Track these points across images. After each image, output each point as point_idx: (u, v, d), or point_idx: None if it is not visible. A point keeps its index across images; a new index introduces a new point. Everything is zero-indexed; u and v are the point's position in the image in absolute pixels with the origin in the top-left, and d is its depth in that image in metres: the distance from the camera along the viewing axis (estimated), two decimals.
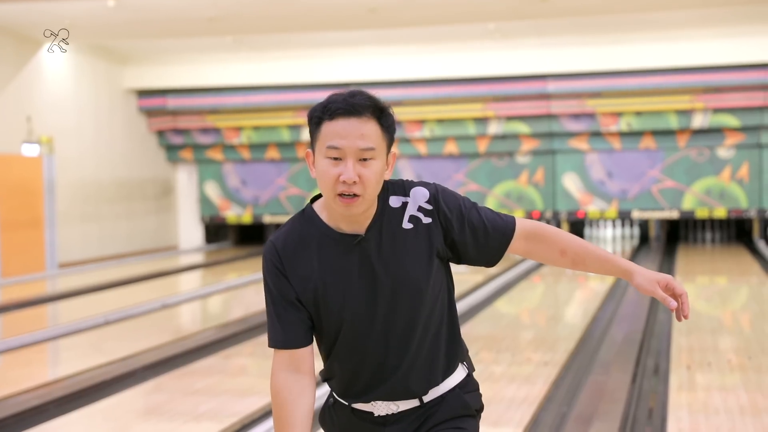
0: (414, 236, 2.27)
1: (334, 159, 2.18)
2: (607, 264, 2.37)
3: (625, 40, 14.45)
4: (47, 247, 13.17)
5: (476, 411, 2.38)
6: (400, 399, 2.31)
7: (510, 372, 6.13)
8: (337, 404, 2.39)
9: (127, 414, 5.46)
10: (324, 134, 2.20)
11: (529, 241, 2.37)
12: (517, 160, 16.05)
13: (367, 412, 2.34)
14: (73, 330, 8.11)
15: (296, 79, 15.65)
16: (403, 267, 2.25)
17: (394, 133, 2.27)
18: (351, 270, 2.25)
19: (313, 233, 2.27)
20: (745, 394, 5.43)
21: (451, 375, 2.35)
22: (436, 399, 2.33)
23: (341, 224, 2.26)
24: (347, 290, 2.25)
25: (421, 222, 2.28)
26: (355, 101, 2.19)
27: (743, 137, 15.13)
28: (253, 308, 9.21)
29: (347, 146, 2.17)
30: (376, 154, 2.19)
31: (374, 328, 2.26)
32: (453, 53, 15.01)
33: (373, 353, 2.28)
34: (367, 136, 2.18)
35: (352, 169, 2.17)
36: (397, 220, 2.27)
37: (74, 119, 14.31)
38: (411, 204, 2.29)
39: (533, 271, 12.20)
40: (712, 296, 10.18)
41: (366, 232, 2.25)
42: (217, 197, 16.91)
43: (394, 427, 2.33)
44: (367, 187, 2.19)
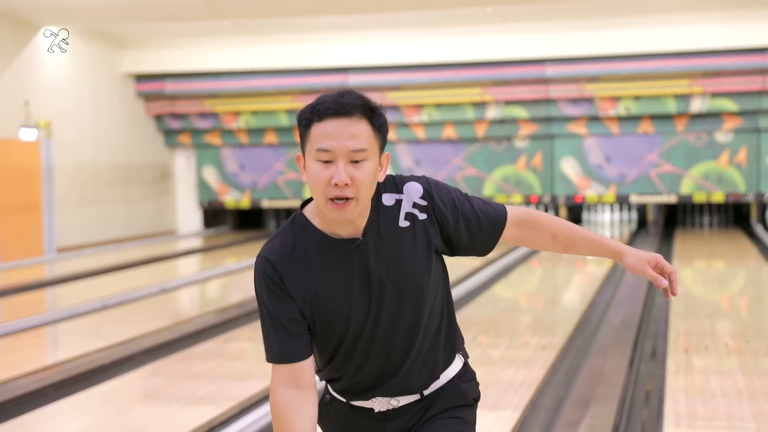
0: (412, 234, 2.23)
1: (325, 162, 2.11)
2: (598, 246, 2.38)
3: (624, 25, 14.42)
4: (45, 232, 13.17)
5: (473, 400, 2.37)
6: (401, 395, 2.29)
7: (508, 356, 6.14)
8: (334, 401, 2.35)
9: (125, 398, 5.47)
10: (313, 136, 2.12)
11: (521, 228, 2.36)
12: (516, 144, 16.04)
13: (367, 409, 2.31)
14: (71, 314, 8.12)
15: (294, 63, 15.61)
16: (404, 267, 2.20)
17: (387, 134, 2.21)
18: (351, 276, 2.19)
19: (308, 241, 2.19)
20: (742, 377, 5.45)
21: (450, 366, 2.33)
22: (436, 391, 2.32)
23: (336, 229, 2.19)
24: (349, 297, 2.19)
25: (417, 219, 2.23)
26: (344, 101, 2.12)
27: (741, 121, 15.12)
28: (252, 293, 9.17)
29: (337, 147, 2.10)
30: (368, 155, 2.13)
31: (378, 332, 2.22)
32: (451, 37, 14.98)
33: (375, 356, 2.24)
34: (357, 137, 2.11)
35: (343, 170, 2.10)
36: (393, 219, 2.22)
37: (72, 104, 14.29)
38: (405, 201, 2.23)
39: (531, 255, 12.21)
40: (709, 280, 10.20)
41: (363, 236, 2.19)
42: (216, 182, 16.90)
43: (395, 422, 2.31)
44: (360, 190, 2.12)
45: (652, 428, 4.73)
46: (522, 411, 4.82)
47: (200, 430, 4.69)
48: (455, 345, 2.35)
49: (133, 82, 16.13)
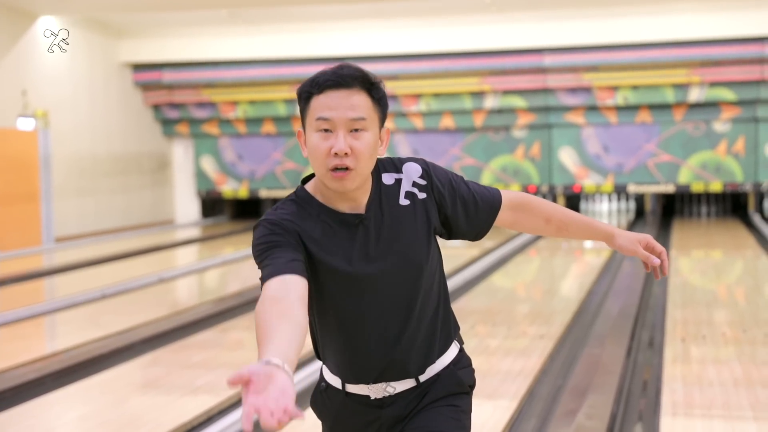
0: (412, 213, 2.25)
1: (325, 131, 2.14)
2: (590, 229, 2.42)
3: (622, 14, 14.40)
4: (43, 221, 13.17)
5: (469, 387, 2.37)
6: (397, 379, 2.28)
7: (506, 345, 6.16)
8: (330, 389, 2.34)
9: (124, 387, 5.48)
10: (313, 108, 2.16)
11: (516, 211, 2.39)
12: (514, 134, 16.03)
13: (363, 396, 2.30)
14: (70, 304, 8.13)
15: (292, 52, 15.59)
16: (404, 245, 2.22)
17: (386, 108, 2.24)
18: (352, 250, 2.20)
19: (312, 212, 2.21)
20: (739, 366, 5.46)
21: (446, 352, 2.33)
22: (432, 378, 2.31)
23: (338, 204, 2.21)
24: (348, 269, 2.20)
25: (417, 198, 2.26)
26: (343, 73, 2.16)
27: (739, 111, 15.12)
28: (250, 282, 9.23)
29: (337, 117, 2.13)
30: (367, 125, 2.16)
31: (374, 306, 2.23)
32: (450, 27, 14.96)
33: (372, 333, 2.24)
34: (357, 107, 2.15)
35: (343, 140, 2.13)
36: (393, 197, 2.24)
37: (70, 93, 14.27)
38: (405, 180, 2.26)
39: (529, 245, 12.22)
40: (707, 270, 10.21)
41: (366, 211, 2.21)
42: (213, 171, 16.89)
43: (391, 408, 2.30)
44: (360, 160, 2.14)
45: (650, 417, 4.74)
46: (519, 400, 4.84)
47: (199, 419, 4.70)
48: (451, 331, 2.36)
49: (131, 72, 16.10)
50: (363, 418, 2.31)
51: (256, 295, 8.29)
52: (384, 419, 2.30)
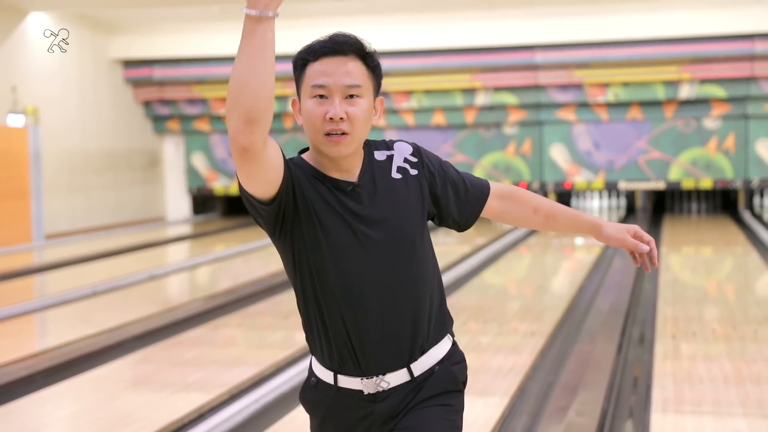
0: (405, 186, 2.25)
1: (320, 97, 2.16)
2: (577, 220, 2.43)
3: (613, 11, 14.43)
4: (34, 218, 13.13)
5: (462, 383, 2.36)
6: (389, 366, 2.24)
7: (497, 342, 6.17)
8: (320, 384, 2.30)
9: (115, 385, 5.48)
10: (309, 75, 2.19)
11: (504, 200, 2.41)
12: (505, 131, 16.05)
13: (356, 390, 2.26)
14: (60, 301, 8.11)
15: (283, 49, 15.35)
16: (397, 217, 2.21)
17: (381, 78, 2.26)
18: (344, 216, 2.19)
19: (307, 175, 2.21)
20: (729, 363, 5.48)
21: (438, 344, 2.31)
22: (426, 372, 2.28)
23: (332, 171, 2.22)
24: (339, 236, 2.18)
25: (408, 173, 2.27)
26: (339, 40, 2.20)
27: (729, 108, 15.16)
28: (241, 279, 9.23)
29: (332, 83, 2.16)
30: (362, 92, 2.18)
31: (365, 277, 2.19)
32: (441, 23, 14.96)
33: (364, 306, 2.20)
34: (352, 74, 2.17)
35: (338, 105, 2.15)
36: (385, 170, 2.25)
37: (60, 89, 14.23)
38: (397, 156, 2.28)
39: (520, 241, 12.24)
40: (697, 266, 10.24)
41: (359, 179, 2.22)
42: (205, 168, 16.87)
43: (384, 403, 2.26)
44: (355, 125, 2.16)
45: (640, 414, 4.76)
46: (510, 397, 4.85)
47: (190, 416, 4.70)
48: (445, 319, 2.34)
49: (122, 68, 16.06)
50: (355, 413, 2.28)
51: (248, 293, 8.31)
52: (377, 414, 2.27)
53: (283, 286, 8.53)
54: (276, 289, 8.50)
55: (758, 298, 7.98)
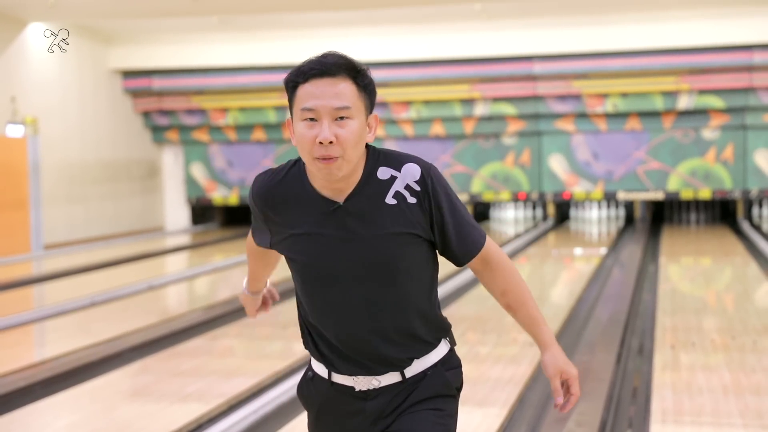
0: (396, 213, 2.23)
1: (310, 120, 2.16)
2: (533, 327, 2.36)
3: (612, 21, 14.45)
4: (32, 229, 13.13)
5: (456, 389, 2.36)
6: (381, 373, 2.28)
7: (495, 352, 6.16)
8: (316, 378, 2.36)
9: (113, 395, 5.47)
10: (299, 98, 2.18)
11: (484, 265, 2.36)
12: (504, 141, 16.06)
13: (348, 386, 2.31)
14: (59, 311, 8.11)
15: (282, 59, 15.59)
16: (376, 242, 2.21)
17: (374, 95, 2.24)
18: (325, 234, 2.22)
19: (296, 190, 2.25)
20: (729, 373, 5.48)
21: (433, 350, 2.32)
22: (419, 375, 2.30)
23: (324, 188, 2.23)
24: (319, 253, 2.23)
25: (405, 200, 2.24)
26: (327, 61, 2.18)
27: (728, 118, 15.18)
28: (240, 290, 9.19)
29: (321, 106, 2.15)
30: (352, 113, 2.17)
31: (347, 296, 2.24)
32: (439, 34, 14.99)
33: (348, 320, 2.25)
34: (341, 95, 2.16)
35: (327, 128, 2.14)
36: (381, 192, 2.23)
37: (59, 100, 14.24)
38: (399, 180, 2.24)
39: (520, 252, 12.24)
40: (696, 277, 10.24)
41: (345, 201, 2.22)
42: (204, 178, 16.87)
43: (375, 401, 2.30)
44: (346, 148, 2.15)
45: (639, 424, 4.75)
46: (509, 408, 4.84)
47: (188, 427, 4.69)
48: (439, 328, 2.35)
49: (121, 79, 16.08)
50: (347, 408, 2.32)
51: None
52: (367, 412, 2.30)
53: (282, 296, 8.51)
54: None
55: (757, 309, 7.98)
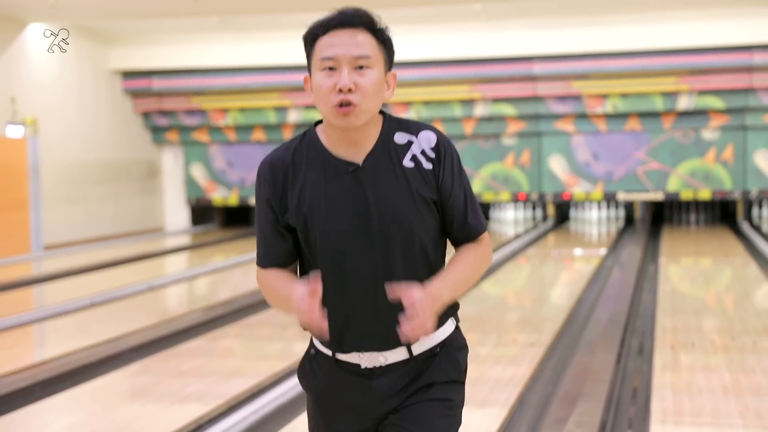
0: (412, 176, 2.23)
1: (329, 69, 2.17)
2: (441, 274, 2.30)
3: (611, 22, 14.45)
4: (32, 229, 13.13)
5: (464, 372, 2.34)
6: (389, 348, 2.24)
7: (496, 353, 6.16)
8: (319, 355, 2.31)
9: (113, 396, 5.47)
10: (318, 49, 2.20)
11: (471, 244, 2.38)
12: (503, 141, 16.06)
13: (353, 364, 2.26)
14: (59, 312, 8.11)
15: (282, 60, 15.59)
16: (395, 204, 2.19)
17: (393, 52, 2.25)
18: (342, 196, 2.21)
19: (309, 155, 2.25)
20: (728, 374, 5.48)
21: (440, 327, 2.28)
22: (426, 353, 2.27)
23: (340, 149, 2.23)
24: (335, 216, 2.20)
25: (421, 165, 2.24)
26: (347, 12, 2.20)
27: (728, 119, 15.18)
28: (240, 290, 9.22)
29: (341, 54, 2.16)
30: (371, 63, 2.18)
31: (360, 259, 2.21)
32: (439, 35, 14.99)
33: (360, 288, 2.22)
34: (361, 44, 2.17)
35: (347, 76, 2.15)
36: (398, 155, 2.23)
37: (59, 100, 14.24)
38: (416, 145, 2.25)
39: (519, 252, 12.24)
40: (696, 277, 10.24)
41: (363, 162, 2.22)
42: (203, 179, 16.87)
43: (381, 379, 2.25)
44: (364, 97, 2.16)
45: (639, 425, 4.75)
46: (509, 408, 4.84)
47: (188, 427, 4.69)
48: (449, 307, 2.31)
49: (121, 79, 16.08)
50: (352, 386, 2.27)
51: (246, 303, 8.30)
52: (375, 391, 2.26)
53: None
54: None
55: (757, 309, 7.98)
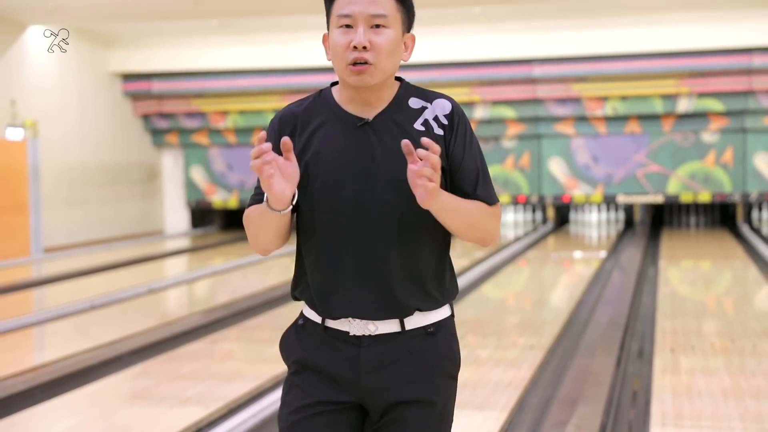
0: (421, 138, 2.17)
1: (346, 27, 2.17)
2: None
3: (611, 24, 14.46)
4: (32, 232, 13.13)
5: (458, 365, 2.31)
6: (380, 317, 2.19)
7: (496, 356, 6.16)
8: (308, 323, 2.26)
9: (113, 399, 5.46)
10: (337, 6, 2.19)
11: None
12: (503, 144, 16.07)
13: (342, 331, 2.21)
14: (59, 315, 8.10)
15: (282, 62, 15.60)
16: (400, 162, 2.14)
17: (413, 14, 2.26)
18: (348, 149, 2.19)
19: (320, 109, 2.24)
20: (728, 377, 5.48)
21: (436, 309, 2.25)
22: (419, 330, 2.22)
23: (351, 106, 2.23)
24: (338, 166, 2.18)
25: (432, 130, 2.23)
26: None
27: (727, 122, 15.19)
28: (240, 293, 9.22)
29: (358, 12, 2.15)
30: (388, 22, 2.18)
31: (358, 214, 2.18)
32: (439, 37, 14.99)
33: (353, 246, 2.18)
34: (379, 3, 2.17)
35: (362, 34, 2.15)
36: (410, 118, 2.23)
37: (59, 103, 14.25)
38: (429, 111, 2.25)
39: (519, 255, 12.24)
40: (696, 280, 10.24)
41: (373, 118, 2.21)
42: (203, 182, 16.87)
43: (369, 349, 2.20)
44: (380, 54, 2.16)
45: (639, 428, 4.75)
46: (509, 411, 4.84)
47: (188, 430, 4.69)
48: (448, 287, 2.29)
49: (120, 82, 16.09)
50: (339, 354, 2.22)
51: (246, 306, 8.30)
52: (361, 361, 2.21)
53: (282, 299, 8.52)
54: (275, 302, 8.49)
55: (757, 312, 7.98)
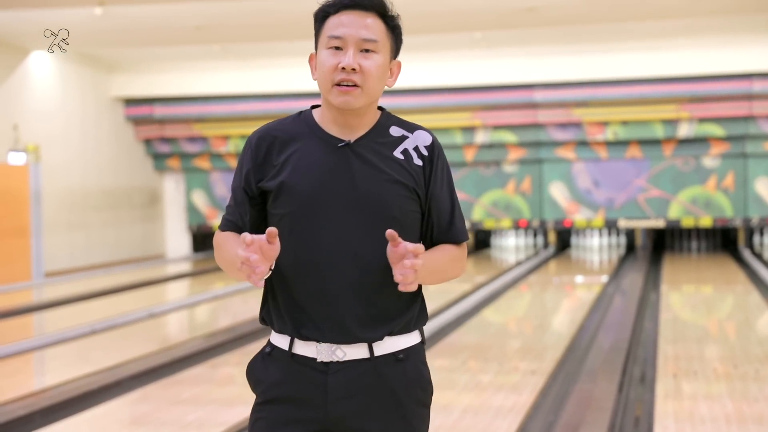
0: (401, 166, 2.22)
1: (336, 49, 2.17)
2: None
3: (612, 50, 14.52)
4: (33, 256, 13.12)
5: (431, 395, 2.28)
6: (348, 341, 2.16)
7: (497, 381, 6.14)
8: (275, 351, 2.23)
9: (113, 424, 5.44)
10: (327, 27, 2.19)
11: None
12: (504, 169, 16.09)
13: (309, 358, 2.18)
14: (59, 339, 8.08)
15: (283, 87, 15.65)
16: (378, 186, 2.16)
17: (400, 41, 2.26)
18: (326, 169, 2.18)
19: (301, 129, 2.24)
20: (731, 402, 5.45)
21: (406, 334, 2.23)
22: (389, 357, 2.19)
23: (333, 128, 2.22)
24: (314, 186, 2.17)
25: (412, 159, 2.24)
26: None
27: (728, 147, 15.21)
28: (241, 317, 9.19)
29: (349, 35, 2.16)
30: (378, 48, 2.18)
31: (331, 235, 2.16)
32: (440, 62, 15.05)
33: (329, 266, 2.16)
34: (370, 28, 2.17)
35: (352, 56, 2.15)
36: (391, 145, 2.24)
37: (61, 127, 14.28)
38: (411, 141, 2.27)
39: (520, 280, 12.22)
40: (697, 305, 10.22)
41: (354, 140, 2.21)
42: (205, 206, 16.89)
43: (337, 376, 2.17)
44: (368, 79, 2.16)
45: None
46: None
47: None
48: (418, 311, 2.26)
49: (122, 106, 16.13)
50: (306, 382, 2.19)
51: (247, 331, 8.28)
52: (330, 389, 2.18)
53: None
54: None
55: (759, 337, 7.96)
